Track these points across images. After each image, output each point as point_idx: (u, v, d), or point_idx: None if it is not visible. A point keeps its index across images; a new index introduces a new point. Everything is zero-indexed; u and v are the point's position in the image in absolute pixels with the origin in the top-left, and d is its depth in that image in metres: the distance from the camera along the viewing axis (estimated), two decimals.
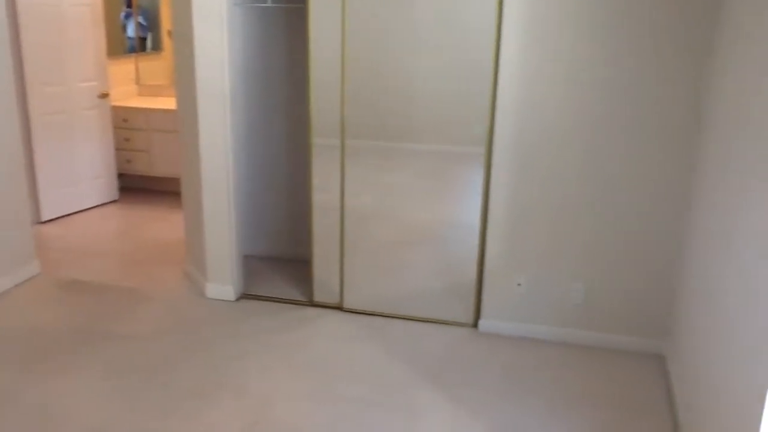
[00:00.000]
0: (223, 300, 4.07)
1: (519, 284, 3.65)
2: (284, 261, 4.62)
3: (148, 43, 6.66)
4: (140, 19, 6.55)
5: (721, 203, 2.74)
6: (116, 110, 5.99)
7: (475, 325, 3.80)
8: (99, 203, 5.90)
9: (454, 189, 3.71)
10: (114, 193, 6.02)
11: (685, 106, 3.26)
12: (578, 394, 3.19)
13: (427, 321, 3.84)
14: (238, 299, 4.09)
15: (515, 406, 3.09)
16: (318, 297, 4.00)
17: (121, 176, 6.19)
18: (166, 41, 6.48)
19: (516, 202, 3.56)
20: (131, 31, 6.54)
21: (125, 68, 6.46)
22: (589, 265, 3.57)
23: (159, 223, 5.48)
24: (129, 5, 6.49)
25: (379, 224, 3.82)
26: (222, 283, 4.06)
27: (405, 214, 3.79)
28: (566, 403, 3.12)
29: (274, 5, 4.16)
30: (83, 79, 5.55)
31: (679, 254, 3.43)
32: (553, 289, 3.63)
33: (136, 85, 6.57)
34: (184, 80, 4.00)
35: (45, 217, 5.41)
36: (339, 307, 3.96)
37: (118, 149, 6.06)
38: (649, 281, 3.52)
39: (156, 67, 6.62)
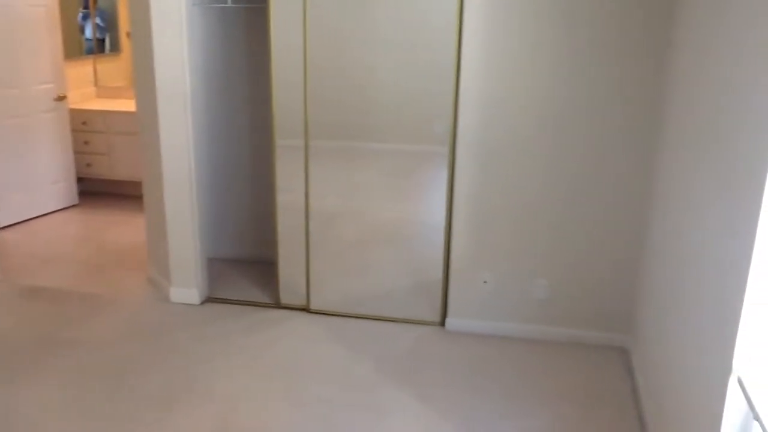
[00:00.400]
0: (187, 304, 4.01)
1: (485, 282, 3.67)
2: (249, 263, 4.58)
3: (107, 44, 6.54)
4: (98, 20, 6.43)
5: (678, 200, 2.79)
6: (74, 113, 5.87)
7: (442, 323, 3.81)
8: (58, 208, 5.77)
9: (419, 188, 3.72)
10: (74, 198, 5.90)
11: (646, 104, 3.31)
12: (545, 389, 3.22)
13: (395, 321, 3.84)
14: (203, 303, 4.04)
15: (483, 402, 3.10)
16: (284, 299, 3.98)
17: (81, 180, 6.07)
18: (125, 42, 6.38)
19: (480, 201, 3.58)
20: (89, 32, 6.42)
21: (83, 70, 6.34)
22: (553, 261, 3.61)
23: (121, 228, 5.39)
24: (86, 6, 6.37)
25: (344, 224, 3.81)
26: (186, 286, 4.01)
27: (370, 213, 3.79)
28: (533, 398, 3.15)
29: (234, 5, 4.12)
30: (39, 82, 5.43)
31: (641, 250, 3.48)
32: (518, 285, 3.66)
33: (94, 87, 6.45)
34: (143, 82, 3.94)
35: (2, 223, 5.28)
36: (306, 309, 3.94)
37: (78, 153, 5.94)
38: (611, 277, 3.57)
39: (115, 68, 6.51)
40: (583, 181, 3.47)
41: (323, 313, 3.91)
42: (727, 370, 1.90)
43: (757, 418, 1.73)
